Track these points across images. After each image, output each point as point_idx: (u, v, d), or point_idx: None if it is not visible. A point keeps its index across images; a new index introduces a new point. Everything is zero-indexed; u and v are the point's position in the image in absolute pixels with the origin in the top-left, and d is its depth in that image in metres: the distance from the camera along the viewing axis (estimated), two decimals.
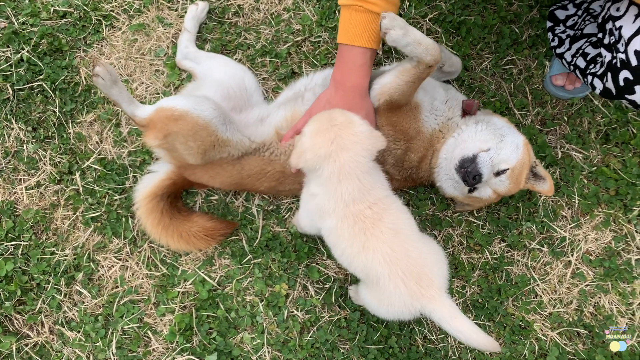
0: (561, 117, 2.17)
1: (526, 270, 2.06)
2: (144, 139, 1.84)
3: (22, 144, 2.11)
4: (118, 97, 1.84)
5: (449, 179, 1.86)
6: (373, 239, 1.58)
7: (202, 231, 1.97)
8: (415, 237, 1.67)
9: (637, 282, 2.04)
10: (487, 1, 2.23)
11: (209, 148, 1.80)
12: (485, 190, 1.81)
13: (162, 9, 2.23)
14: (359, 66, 1.68)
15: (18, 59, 2.14)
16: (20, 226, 2.05)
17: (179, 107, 1.76)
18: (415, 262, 1.59)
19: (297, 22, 2.22)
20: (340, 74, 1.71)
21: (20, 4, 2.20)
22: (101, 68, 1.77)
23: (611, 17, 1.64)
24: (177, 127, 1.76)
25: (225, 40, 2.19)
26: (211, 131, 1.78)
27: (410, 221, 1.69)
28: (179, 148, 1.81)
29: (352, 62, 1.68)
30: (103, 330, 1.98)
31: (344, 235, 1.62)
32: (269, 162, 1.88)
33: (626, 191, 2.09)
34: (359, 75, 1.69)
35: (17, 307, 2.00)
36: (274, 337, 1.99)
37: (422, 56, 1.66)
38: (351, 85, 1.70)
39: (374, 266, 1.59)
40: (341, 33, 1.67)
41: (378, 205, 1.61)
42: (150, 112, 1.81)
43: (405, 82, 1.74)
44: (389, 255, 1.57)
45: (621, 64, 1.56)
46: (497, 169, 1.74)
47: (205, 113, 1.77)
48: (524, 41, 2.20)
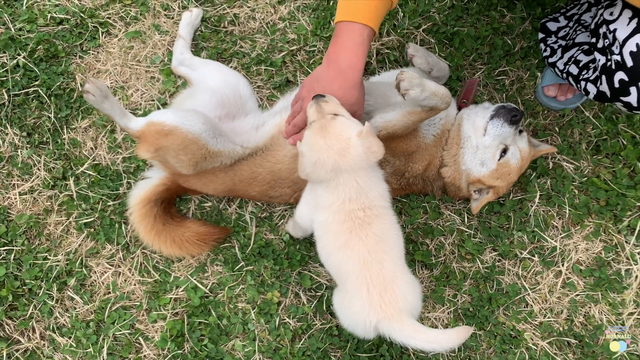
0: (553, 127, 2.19)
1: (517, 280, 2.07)
2: (137, 152, 1.85)
3: (17, 149, 2.12)
4: (110, 112, 1.85)
5: (477, 152, 1.90)
6: (356, 239, 1.61)
7: (195, 236, 1.98)
8: (397, 255, 1.68)
9: (627, 292, 2.05)
10: (480, 13, 2.26)
11: (200, 160, 1.82)
12: (515, 152, 1.90)
13: (158, 16, 2.25)
14: (356, 43, 1.55)
15: (14, 64, 2.15)
16: (13, 231, 2.05)
17: (168, 122, 1.78)
18: (385, 274, 1.60)
19: (292, 32, 2.25)
20: (334, 50, 1.58)
21: (18, 10, 2.22)
22: (91, 85, 1.77)
23: (605, 21, 1.66)
24: (168, 141, 1.77)
25: (221, 49, 2.21)
26: (201, 145, 1.79)
27: (398, 239, 1.70)
28: (171, 161, 1.83)
29: (348, 39, 1.55)
30: (94, 336, 1.98)
31: (331, 229, 1.65)
32: (260, 164, 1.89)
33: (616, 202, 2.10)
34: (355, 53, 1.55)
35: (9, 312, 1.99)
36: (265, 344, 2.00)
37: (437, 105, 1.73)
38: (345, 64, 1.56)
39: (347, 264, 1.62)
40: (339, 12, 1.58)
41: (372, 211, 1.63)
42: (141, 125, 1.82)
43: (412, 122, 1.78)
44: (364, 258, 1.59)
45: (616, 65, 1.57)
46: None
47: (195, 128, 1.78)
48: (516, 52, 2.23)
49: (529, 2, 2.26)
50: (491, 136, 1.87)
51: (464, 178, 1.96)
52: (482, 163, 1.91)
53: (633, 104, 1.59)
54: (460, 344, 1.66)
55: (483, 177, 1.92)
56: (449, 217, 2.13)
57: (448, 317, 2.04)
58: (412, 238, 2.11)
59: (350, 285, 1.64)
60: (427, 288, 2.07)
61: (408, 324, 1.57)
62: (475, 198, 1.99)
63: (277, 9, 2.27)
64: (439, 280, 2.07)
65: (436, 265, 2.08)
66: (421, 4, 2.26)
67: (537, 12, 2.24)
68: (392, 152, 1.87)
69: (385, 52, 2.22)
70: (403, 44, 2.22)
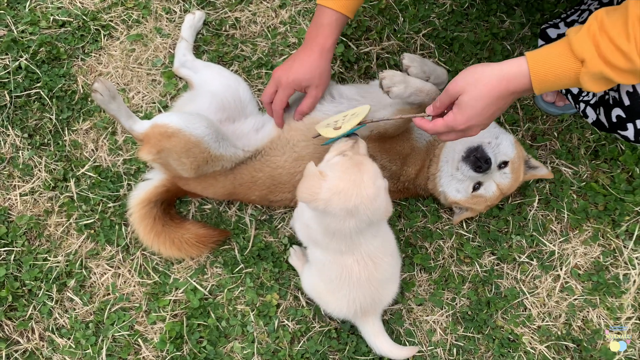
0: (551, 132, 2.20)
1: (515, 284, 2.08)
2: (139, 154, 1.86)
3: (18, 150, 2.13)
4: (116, 112, 1.86)
5: (453, 179, 1.92)
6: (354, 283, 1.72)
7: (194, 238, 1.98)
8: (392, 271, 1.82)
9: (624, 297, 2.06)
10: (479, 18, 2.28)
11: (202, 164, 1.83)
12: (490, 186, 1.89)
13: (160, 20, 2.26)
14: (324, 25, 1.75)
15: (16, 66, 2.16)
16: (13, 232, 2.06)
17: (172, 125, 1.79)
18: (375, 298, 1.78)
19: (293, 35, 2.26)
20: (309, 31, 1.80)
21: (20, 13, 2.23)
22: (100, 84, 1.79)
23: None
24: (170, 144, 1.78)
25: (222, 52, 2.23)
26: (203, 148, 1.80)
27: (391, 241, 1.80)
28: (173, 164, 1.84)
29: (319, 22, 1.76)
30: (93, 337, 1.98)
31: (329, 275, 1.76)
32: (260, 167, 1.90)
33: (614, 207, 2.11)
34: (323, 34, 1.75)
35: (8, 313, 1.99)
36: (264, 346, 2.00)
37: (424, 101, 1.76)
38: (315, 43, 1.77)
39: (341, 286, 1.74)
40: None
41: (365, 260, 1.68)
42: (146, 128, 1.84)
43: (404, 121, 1.79)
44: (360, 297, 1.75)
45: (614, 101, 1.57)
46: (500, 161, 1.87)
47: (198, 131, 1.79)
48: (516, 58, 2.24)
49: (529, 8, 2.27)
50: (462, 174, 1.89)
51: (442, 197, 2.00)
52: (458, 190, 1.94)
53: (630, 138, 1.59)
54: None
55: (459, 200, 1.95)
56: (447, 221, 2.14)
57: (446, 320, 2.04)
58: (411, 241, 2.11)
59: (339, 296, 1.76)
60: (426, 291, 2.08)
61: (376, 327, 1.86)
62: (457, 212, 2.04)
63: (278, 13, 2.29)
64: (437, 283, 2.07)
65: (435, 268, 2.09)
66: (421, 9, 2.28)
67: (537, 18, 2.26)
68: (387, 153, 1.89)
69: (385, 57, 2.24)
70: (403, 49, 2.24)
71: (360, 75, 2.23)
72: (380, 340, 1.87)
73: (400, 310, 2.05)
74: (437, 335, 2.03)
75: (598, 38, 1.29)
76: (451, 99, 1.46)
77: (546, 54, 1.37)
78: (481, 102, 1.41)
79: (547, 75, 1.35)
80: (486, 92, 1.40)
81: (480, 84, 1.40)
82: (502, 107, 1.45)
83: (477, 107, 1.41)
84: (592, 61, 1.29)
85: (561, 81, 1.36)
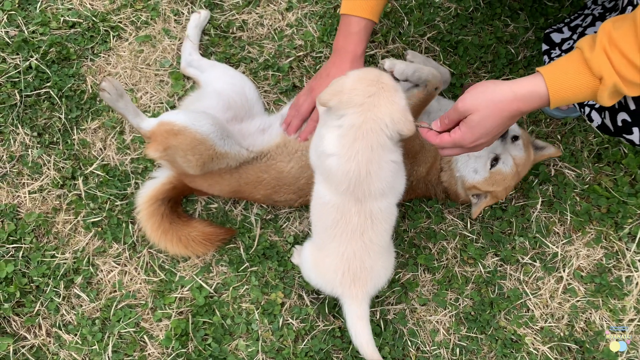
0: (555, 135, 2.22)
1: (518, 285, 2.09)
2: (146, 151, 1.89)
3: (27, 148, 2.16)
4: (124, 110, 1.90)
5: (469, 160, 1.94)
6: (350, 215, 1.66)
7: (201, 236, 2.00)
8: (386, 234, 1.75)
9: (627, 299, 2.07)
10: (484, 22, 2.30)
11: (207, 161, 1.85)
12: (507, 159, 1.91)
13: (168, 21, 2.29)
14: (353, 33, 1.78)
15: (27, 66, 2.19)
16: (22, 229, 2.08)
17: (178, 122, 1.82)
18: (368, 254, 1.70)
19: (299, 38, 2.29)
20: (336, 42, 1.84)
21: (31, 14, 2.27)
22: (107, 83, 1.83)
23: None
24: (177, 141, 1.81)
25: (229, 54, 2.26)
26: (209, 145, 1.83)
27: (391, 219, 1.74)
28: (179, 161, 1.87)
29: (347, 30, 1.80)
30: (100, 333, 2.01)
31: (326, 220, 1.70)
32: (265, 169, 1.93)
33: (617, 209, 2.13)
34: (353, 41, 1.79)
35: (16, 309, 2.02)
36: (268, 344, 2.02)
37: (429, 78, 1.80)
38: (345, 51, 1.81)
39: (334, 230, 1.67)
40: (343, 4, 1.80)
41: (365, 215, 1.65)
42: (153, 125, 1.87)
43: (413, 105, 1.81)
44: (352, 231, 1.66)
45: (619, 106, 1.58)
46: (511, 135, 1.91)
47: (204, 129, 1.82)
48: (520, 61, 2.27)
49: (533, 13, 2.30)
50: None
51: (460, 184, 1.99)
52: (475, 171, 1.95)
53: (636, 142, 1.59)
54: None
55: (478, 183, 1.95)
56: (451, 222, 2.16)
57: (450, 320, 2.06)
58: (415, 242, 2.13)
59: (330, 250, 1.71)
60: (430, 292, 2.10)
61: (362, 310, 1.77)
62: (474, 202, 2.02)
63: (285, 16, 2.32)
64: (441, 284, 2.09)
65: (438, 269, 2.11)
66: (426, 12, 2.30)
67: (541, 22, 2.28)
68: None
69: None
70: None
71: None
72: (362, 325, 1.78)
73: (403, 310, 2.07)
74: (440, 335, 2.05)
75: (609, 52, 1.29)
76: (460, 117, 1.46)
77: (563, 73, 1.36)
78: (491, 121, 1.42)
79: (566, 94, 1.35)
80: (497, 112, 1.40)
81: (491, 104, 1.40)
82: (510, 124, 1.47)
83: (487, 126, 1.42)
84: (609, 77, 1.30)
85: (578, 98, 1.37)
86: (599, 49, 1.31)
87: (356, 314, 1.77)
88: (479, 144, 1.47)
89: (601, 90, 1.32)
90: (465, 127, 1.45)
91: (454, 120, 1.49)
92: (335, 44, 1.85)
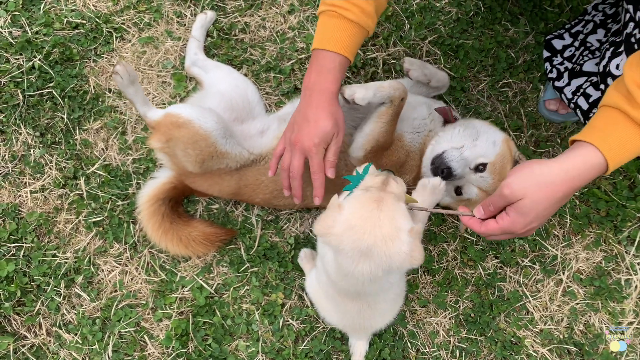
0: (554, 139, 2.23)
1: (518, 287, 2.10)
2: (149, 141, 1.91)
3: (30, 148, 2.17)
4: (133, 97, 1.91)
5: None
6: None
7: (201, 236, 2.01)
8: (388, 306, 1.83)
9: (626, 302, 2.08)
10: (484, 26, 2.32)
11: (207, 158, 1.86)
12: (470, 189, 1.80)
13: (171, 23, 2.31)
14: (327, 70, 1.59)
15: (30, 66, 2.21)
16: (23, 228, 2.09)
17: (183, 115, 1.83)
18: (366, 322, 1.78)
19: (301, 41, 2.31)
20: (308, 79, 1.63)
21: (35, 14, 2.28)
22: (121, 67, 1.85)
23: (611, 74, 1.65)
24: (179, 133, 1.82)
25: (232, 56, 2.27)
26: (210, 142, 1.84)
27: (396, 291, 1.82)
28: (179, 154, 1.87)
29: (321, 66, 1.60)
30: (100, 333, 2.01)
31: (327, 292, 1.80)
32: (265, 172, 1.92)
33: (616, 213, 2.14)
34: (327, 79, 1.60)
35: (16, 308, 2.02)
36: (268, 345, 2.02)
37: (391, 95, 1.72)
38: (319, 89, 1.60)
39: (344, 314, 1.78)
40: (315, 39, 1.62)
41: (365, 308, 1.72)
42: (159, 116, 1.88)
43: (386, 123, 1.77)
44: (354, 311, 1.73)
45: None
46: (475, 164, 1.75)
47: (207, 125, 1.83)
48: (520, 65, 2.28)
49: (533, 17, 2.32)
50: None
51: None
52: (447, 193, 1.86)
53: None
54: None
55: (450, 204, 1.89)
56: (452, 224, 2.17)
57: (449, 322, 2.06)
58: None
59: (334, 303, 1.79)
60: (429, 293, 2.10)
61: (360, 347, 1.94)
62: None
63: (287, 19, 2.33)
64: (441, 285, 2.10)
65: (439, 271, 2.11)
66: (427, 16, 2.32)
67: (541, 27, 2.30)
68: (382, 167, 1.85)
69: (391, 63, 2.28)
70: (409, 55, 2.28)
71: (367, 80, 2.27)
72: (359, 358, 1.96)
73: (403, 312, 2.07)
74: (440, 337, 2.05)
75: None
76: (506, 203, 1.35)
77: (619, 142, 1.30)
78: (544, 205, 1.32)
79: (623, 157, 1.30)
80: (550, 195, 1.31)
81: (543, 186, 1.31)
82: (565, 202, 1.40)
83: (539, 210, 1.33)
84: None
85: (632, 156, 1.32)
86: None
87: (357, 349, 1.96)
88: (532, 228, 1.37)
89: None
90: (515, 214, 1.34)
91: (499, 207, 1.38)
92: (306, 82, 1.63)
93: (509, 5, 2.34)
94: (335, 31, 1.59)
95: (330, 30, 1.59)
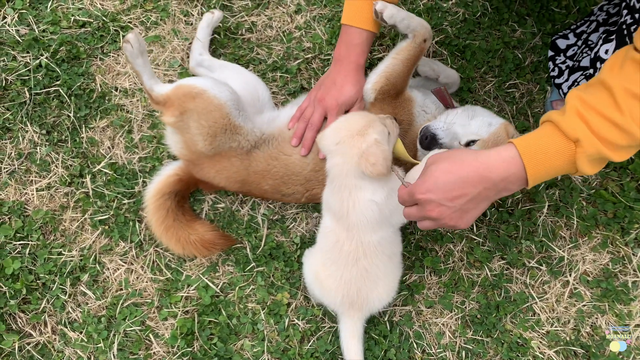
0: None
1: (525, 288, 2.09)
2: (162, 117, 1.91)
3: (36, 146, 2.17)
4: (141, 69, 1.90)
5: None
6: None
7: (198, 241, 2.01)
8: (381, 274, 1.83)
9: (633, 304, 2.07)
10: (491, 27, 2.32)
11: (220, 132, 1.85)
12: None
13: (178, 22, 2.31)
14: (355, 45, 1.83)
15: (37, 64, 2.21)
16: (29, 226, 2.08)
17: (198, 85, 1.85)
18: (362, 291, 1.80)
19: (307, 40, 2.30)
20: (338, 51, 1.87)
21: (42, 13, 2.29)
22: (133, 35, 1.85)
23: (600, 58, 1.69)
24: (194, 104, 1.82)
25: (238, 55, 2.27)
26: (224, 113, 1.84)
27: (397, 242, 1.86)
28: (192, 126, 1.86)
29: (349, 42, 1.84)
30: (105, 331, 2.00)
31: (326, 243, 1.83)
32: (275, 157, 1.93)
33: (624, 214, 2.13)
34: (355, 52, 1.83)
35: (22, 305, 2.02)
36: (274, 345, 2.01)
37: (417, 28, 1.82)
38: (348, 61, 1.85)
39: (338, 253, 1.77)
40: (343, 15, 1.84)
41: (356, 244, 1.74)
42: (168, 89, 1.88)
43: (401, 61, 1.85)
44: (356, 254, 1.75)
45: None
46: (466, 140, 1.76)
47: (222, 95, 1.84)
48: (527, 66, 2.28)
49: (540, 18, 2.32)
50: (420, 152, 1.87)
51: None
52: None
53: None
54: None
55: None
56: None
57: (456, 323, 2.06)
58: (421, 244, 2.13)
59: (331, 271, 1.81)
60: (436, 294, 2.09)
61: (356, 328, 1.87)
62: None
63: (294, 18, 2.33)
64: (447, 286, 2.09)
65: (445, 271, 2.10)
66: (434, 17, 2.32)
67: (548, 28, 2.30)
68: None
69: None
70: None
71: None
72: (354, 343, 1.87)
73: (409, 312, 2.06)
74: (446, 338, 2.04)
75: (585, 115, 1.23)
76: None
77: (535, 137, 1.30)
78: (446, 175, 1.30)
79: (539, 158, 1.27)
80: (455, 168, 1.30)
81: (450, 159, 1.32)
82: (471, 196, 1.31)
83: (439, 180, 1.31)
84: (587, 140, 1.22)
85: (555, 167, 1.28)
86: (570, 113, 1.25)
87: (350, 332, 1.88)
88: (430, 198, 1.32)
89: (579, 154, 1.24)
90: (420, 176, 1.36)
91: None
92: (336, 53, 1.88)
93: (516, 6, 2.34)
94: (361, 8, 1.79)
95: (356, 8, 1.80)
